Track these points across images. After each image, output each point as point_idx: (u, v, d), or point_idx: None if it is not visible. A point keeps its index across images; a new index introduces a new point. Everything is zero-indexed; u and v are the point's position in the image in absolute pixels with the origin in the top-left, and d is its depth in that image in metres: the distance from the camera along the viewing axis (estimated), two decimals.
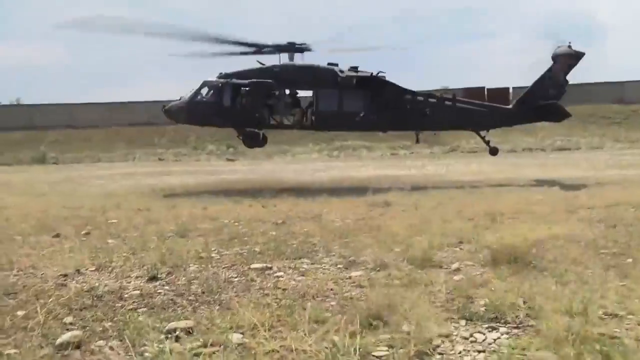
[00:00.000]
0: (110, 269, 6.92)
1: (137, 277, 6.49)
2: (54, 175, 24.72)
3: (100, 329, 4.79)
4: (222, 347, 4.26)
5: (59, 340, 4.44)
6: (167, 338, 4.50)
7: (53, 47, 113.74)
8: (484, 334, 4.41)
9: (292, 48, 19.24)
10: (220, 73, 19.50)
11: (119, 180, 21.40)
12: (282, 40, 19.36)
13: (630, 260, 6.50)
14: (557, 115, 19.79)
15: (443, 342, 4.28)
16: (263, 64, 19.34)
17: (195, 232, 9.25)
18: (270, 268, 6.74)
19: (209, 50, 19.28)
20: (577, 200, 11.49)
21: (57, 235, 9.13)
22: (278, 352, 4.14)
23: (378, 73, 19.26)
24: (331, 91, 18.82)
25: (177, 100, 19.99)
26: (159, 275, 6.45)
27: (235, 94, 19.03)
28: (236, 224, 10.05)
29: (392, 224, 9.31)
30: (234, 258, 7.31)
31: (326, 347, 4.14)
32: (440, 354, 4.08)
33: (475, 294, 5.36)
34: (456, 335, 4.41)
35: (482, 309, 4.91)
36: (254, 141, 20.66)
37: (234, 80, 19.05)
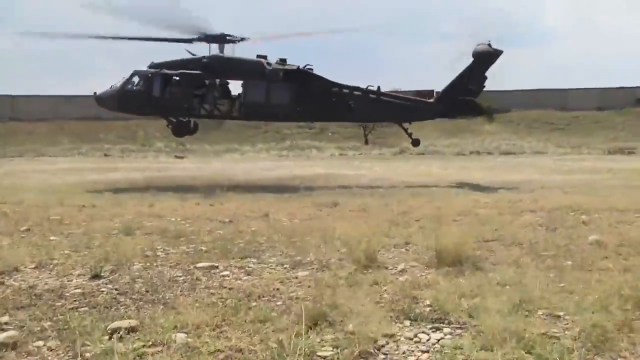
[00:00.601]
0: (51, 266, 6.76)
1: (79, 275, 6.35)
2: None
3: (39, 328, 4.67)
4: (165, 346, 4.21)
5: None
6: (109, 338, 4.41)
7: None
8: (428, 334, 4.47)
9: (222, 39, 19.80)
10: (152, 62, 19.90)
11: (63, 176, 20.83)
12: (215, 31, 19.82)
13: (569, 262, 6.70)
14: (475, 111, 21.28)
15: (387, 342, 4.32)
16: (193, 54, 19.90)
17: (141, 230, 9.09)
18: (217, 267, 6.68)
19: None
20: (521, 204, 11.77)
21: None
22: (223, 352, 4.12)
23: (305, 66, 20.05)
24: (259, 83, 19.45)
25: (108, 88, 20.37)
26: (102, 274, 6.32)
27: (165, 84, 19.51)
28: (183, 222, 9.92)
29: (339, 225, 9.35)
30: (179, 257, 7.22)
31: (272, 347, 4.13)
32: (384, 354, 4.12)
33: (420, 295, 5.43)
34: (400, 335, 4.46)
35: (427, 309, 4.99)
36: (183, 130, 21.28)
37: (164, 71, 19.52)
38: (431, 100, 21.60)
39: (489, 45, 19.84)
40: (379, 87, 20.53)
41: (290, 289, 5.76)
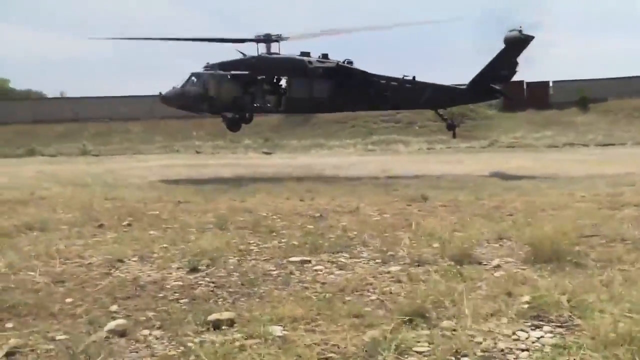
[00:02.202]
0: (151, 259, 7.06)
1: (178, 269, 6.59)
2: (95, 167, 25.20)
3: (144, 318, 4.89)
4: (263, 339, 4.30)
5: (106, 328, 4.55)
6: (208, 329, 4.57)
7: (99, 41, 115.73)
8: (527, 332, 4.34)
9: (268, 39, 21.48)
10: (207, 64, 21.94)
11: (159, 172, 21.71)
12: (261, 32, 21.74)
13: None
14: (502, 95, 23.18)
15: (485, 339, 4.23)
16: (244, 55, 21.72)
17: (234, 224, 9.32)
18: (309, 261, 6.76)
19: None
20: (621, 198, 11.21)
21: (101, 226, 9.34)
22: (319, 345, 4.16)
23: (344, 61, 21.74)
24: (302, 79, 21.29)
25: (171, 89, 22.62)
26: (199, 267, 6.53)
27: (219, 84, 21.48)
28: (274, 216, 10.10)
29: (429, 220, 9.26)
30: (272, 251, 7.36)
31: (366, 342, 4.15)
32: (482, 351, 4.04)
33: (517, 291, 5.29)
34: (498, 332, 4.36)
35: (525, 306, 4.83)
36: (236, 126, 23.25)
37: (217, 72, 21.48)
38: (464, 86, 22.32)
39: (520, 31, 20.31)
40: (414, 77, 21.50)
41: (383, 284, 5.75)
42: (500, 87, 21.87)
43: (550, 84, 48.75)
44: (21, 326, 4.69)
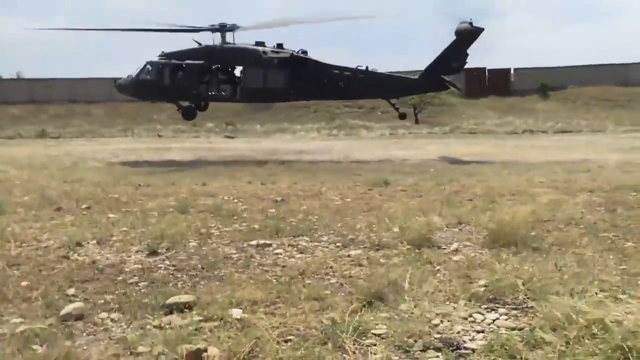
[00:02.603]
0: (110, 242, 6.98)
1: (137, 252, 6.54)
2: (54, 150, 24.69)
3: (102, 301, 4.85)
4: (222, 321, 4.31)
5: (63, 311, 4.50)
6: (167, 312, 4.55)
7: (55, 22, 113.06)
8: (483, 315, 4.42)
9: (223, 29, 21.85)
10: (162, 52, 22.20)
11: (119, 156, 21.40)
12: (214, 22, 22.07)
13: (630, 244, 6.54)
14: (452, 86, 22.88)
15: (442, 321, 4.31)
16: (200, 44, 22.09)
17: (195, 208, 9.27)
18: (270, 245, 6.77)
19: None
20: (578, 184, 11.47)
21: (59, 209, 9.18)
22: (278, 328, 4.18)
23: (299, 51, 22.18)
24: (256, 69, 21.55)
25: (126, 77, 22.98)
26: (159, 250, 6.49)
27: (174, 73, 21.71)
28: (235, 200, 10.07)
29: (390, 204, 9.35)
30: (233, 235, 7.34)
31: (326, 324, 4.18)
32: (439, 333, 4.11)
33: (475, 275, 5.39)
34: (455, 315, 4.44)
35: (482, 289, 4.92)
36: (191, 115, 23.13)
37: (173, 61, 21.72)
38: (415, 77, 22.79)
39: (470, 23, 20.85)
40: (367, 67, 22.01)
41: (343, 267, 5.79)
42: (450, 78, 22.29)
43: (512, 71, 49.51)
44: None
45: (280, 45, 22.19)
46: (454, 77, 22.61)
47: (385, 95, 23.10)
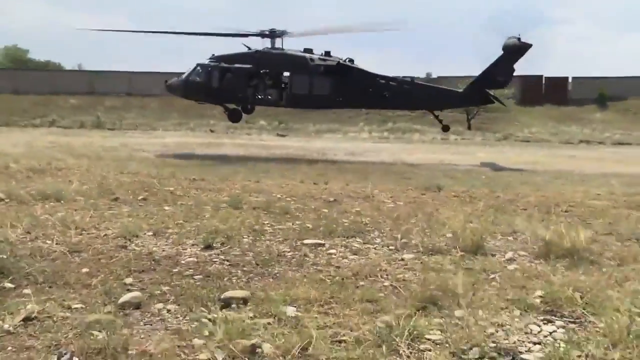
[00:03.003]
0: (166, 235, 7.10)
1: (192, 245, 6.63)
2: (110, 141, 25.31)
3: (159, 292, 4.94)
4: (276, 318, 4.34)
5: (121, 300, 4.60)
6: (222, 307, 4.61)
7: (116, 17, 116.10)
8: (540, 326, 4.35)
9: (273, 34, 22.36)
10: (212, 55, 22.78)
11: (173, 149, 21.83)
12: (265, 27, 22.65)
13: None
14: (496, 101, 23.35)
15: (497, 330, 4.25)
16: (249, 48, 22.54)
17: (248, 204, 9.35)
18: (323, 245, 6.78)
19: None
20: (637, 198, 11.12)
21: (116, 199, 9.40)
22: (331, 328, 4.19)
23: (346, 59, 22.57)
24: (303, 75, 22.00)
25: (176, 78, 23.70)
26: (213, 245, 6.57)
27: (222, 75, 22.23)
28: (288, 199, 10.13)
29: (443, 210, 9.26)
30: (286, 232, 7.38)
31: (379, 327, 4.17)
32: (494, 342, 4.05)
33: (530, 285, 5.29)
34: (510, 325, 4.37)
35: (538, 300, 4.84)
36: (237, 117, 23.82)
37: (222, 64, 22.18)
38: (460, 90, 23.05)
39: (518, 39, 21.01)
40: (412, 78, 22.73)
41: (396, 271, 5.77)
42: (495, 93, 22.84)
43: (570, 80, 48.38)
44: (38, 293, 4.76)
45: (327, 53, 22.59)
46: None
47: (429, 107, 23.23)
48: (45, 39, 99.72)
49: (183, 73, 23.51)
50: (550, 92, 46.37)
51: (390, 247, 6.79)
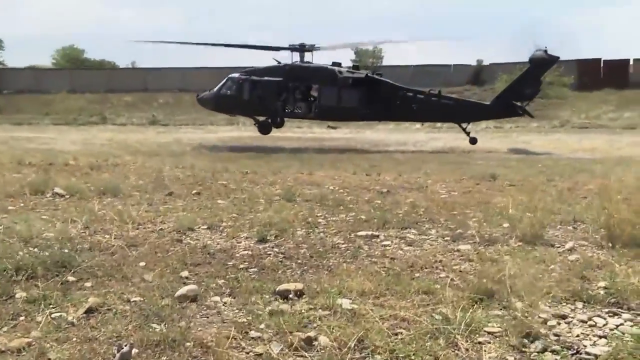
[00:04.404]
0: (220, 228, 7.16)
1: (246, 238, 6.67)
2: (164, 137, 25.85)
3: (214, 285, 4.98)
4: (332, 311, 4.32)
5: (177, 293, 4.65)
6: (277, 299, 4.61)
7: (170, 13, 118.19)
8: (605, 319, 4.18)
9: (302, 48, 22.83)
10: (244, 69, 23.46)
11: (226, 143, 22.11)
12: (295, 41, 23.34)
13: None
14: (523, 114, 22.90)
15: (559, 323, 4.12)
16: (279, 62, 23.15)
17: (301, 196, 9.35)
18: (377, 236, 6.72)
19: None
20: None
21: (171, 194, 9.54)
22: (388, 320, 4.14)
23: (373, 73, 23.58)
24: (332, 88, 22.17)
25: (208, 91, 24.20)
26: (267, 238, 6.58)
27: (253, 88, 22.61)
28: (341, 191, 10.09)
29: (499, 199, 9.05)
30: (340, 224, 7.35)
31: (437, 319, 4.10)
32: (556, 335, 3.92)
33: (593, 276, 5.12)
34: (573, 317, 4.23)
35: (602, 292, 4.67)
36: (266, 130, 24.01)
37: (253, 77, 22.69)
38: (487, 103, 23.30)
39: (545, 51, 21.25)
40: (439, 91, 22.76)
41: (452, 262, 5.67)
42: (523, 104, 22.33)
43: (631, 62, 46.57)
44: (99, 286, 4.86)
45: (356, 67, 23.46)
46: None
47: (456, 120, 23.06)
48: (100, 38, 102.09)
49: (214, 87, 24.18)
50: (610, 76, 44.70)
51: (446, 238, 6.68)
